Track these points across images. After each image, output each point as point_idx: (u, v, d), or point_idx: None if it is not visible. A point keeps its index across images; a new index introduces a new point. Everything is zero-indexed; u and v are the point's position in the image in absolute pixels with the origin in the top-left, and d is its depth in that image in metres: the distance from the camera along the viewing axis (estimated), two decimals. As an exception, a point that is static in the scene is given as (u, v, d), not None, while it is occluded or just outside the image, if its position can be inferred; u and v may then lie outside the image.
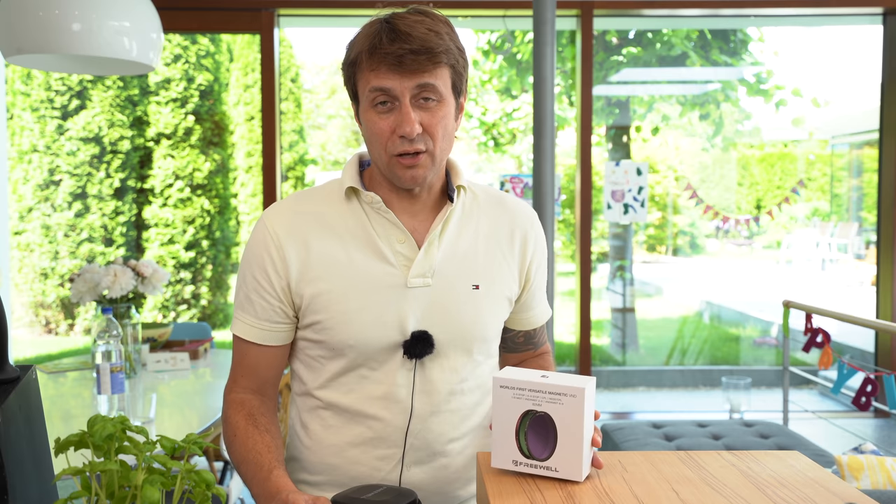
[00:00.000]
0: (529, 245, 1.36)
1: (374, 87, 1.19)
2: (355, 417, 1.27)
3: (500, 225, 1.34)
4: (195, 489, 0.93)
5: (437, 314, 1.25)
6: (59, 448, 0.91)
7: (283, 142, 7.67)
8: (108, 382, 2.18)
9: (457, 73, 1.23)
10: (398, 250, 1.25)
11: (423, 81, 1.18)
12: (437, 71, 1.19)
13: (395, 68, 1.16)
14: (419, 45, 1.16)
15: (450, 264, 1.27)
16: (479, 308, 1.28)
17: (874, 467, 2.56)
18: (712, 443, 3.04)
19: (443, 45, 1.18)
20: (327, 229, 1.26)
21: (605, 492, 1.04)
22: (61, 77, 6.85)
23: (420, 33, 1.17)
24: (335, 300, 1.23)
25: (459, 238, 1.29)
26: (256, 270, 1.27)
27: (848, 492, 1.05)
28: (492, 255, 1.31)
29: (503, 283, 1.32)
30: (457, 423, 1.29)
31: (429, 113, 1.20)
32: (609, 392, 5.93)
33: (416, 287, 1.24)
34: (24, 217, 7.05)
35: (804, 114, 6.74)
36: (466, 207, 1.32)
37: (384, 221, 1.26)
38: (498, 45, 6.05)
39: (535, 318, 1.42)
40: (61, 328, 7.31)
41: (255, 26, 4.56)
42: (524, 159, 6.95)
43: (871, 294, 5.01)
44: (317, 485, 1.32)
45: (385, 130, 1.20)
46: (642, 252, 7.95)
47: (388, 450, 1.26)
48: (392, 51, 1.16)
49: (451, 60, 1.21)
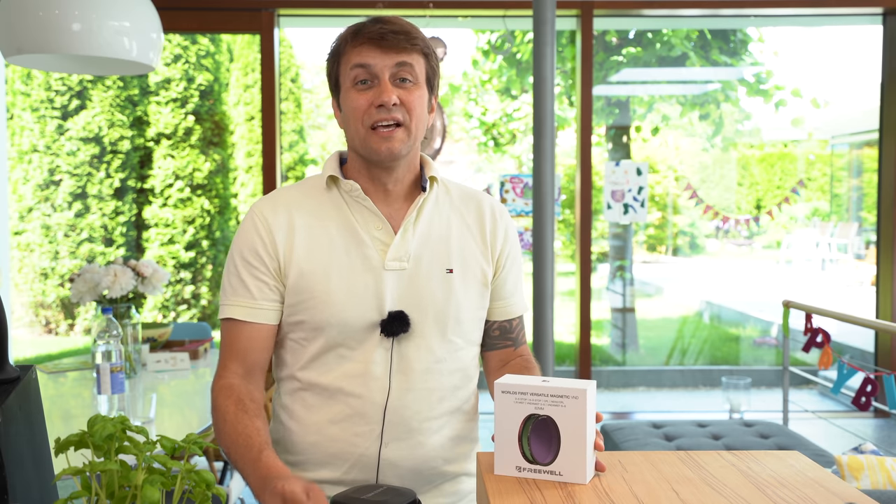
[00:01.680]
0: (499, 233, 1.44)
1: (355, 64, 1.30)
2: (335, 395, 1.32)
3: (471, 215, 1.43)
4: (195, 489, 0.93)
5: (413, 295, 1.33)
6: (59, 448, 0.91)
7: (283, 142, 7.67)
8: (108, 382, 2.18)
9: (430, 67, 1.35)
10: (376, 236, 1.34)
11: (401, 59, 1.30)
12: (413, 54, 1.31)
13: (377, 43, 1.29)
14: (399, 28, 1.30)
15: (424, 249, 1.36)
16: (454, 290, 1.36)
17: (874, 467, 2.56)
18: (712, 443, 3.04)
19: (420, 36, 1.33)
20: (310, 216, 1.36)
21: (605, 492, 1.04)
22: (61, 77, 6.85)
23: (400, 22, 1.32)
24: (317, 280, 1.32)
25: (433, 225, 1.38)
26: (248, 254, 1.34)
27: (848, 492, 1.05)
28: (464, 242, 1.40)
29: (477, 267, 1.39)
30: (434, 402, 1.35)
31: (405, 91, 1.31)
32: (609, 392, 5.93)
33: (392, 270, 1.33)
34: (24, 217, 7.05)
35: (804, 114, 6.74)
36: (440, 199, 1.41)
37: (362, 209, 1.35)
38: (498, 45, 6.05)
39: (510, 307, 1.47)
40: (61, 328, 7.31)
41: (255, 26, 4.56)
42: (524, 159, 6.95)
43: (871, 294, 5.01)
44: (297, 464, 1.36)
45: (364, 104, 1.30)
46: (642, 252, 7.95)
47: (367, 426, 1.31)
48: (375, 30, 1.29)
49: (427, 50, 1.34)
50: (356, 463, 1.32)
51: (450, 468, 1.38)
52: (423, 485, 1.36)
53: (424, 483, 1.36)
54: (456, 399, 1.38)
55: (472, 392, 1.43)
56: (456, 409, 1.38)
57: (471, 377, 1.42)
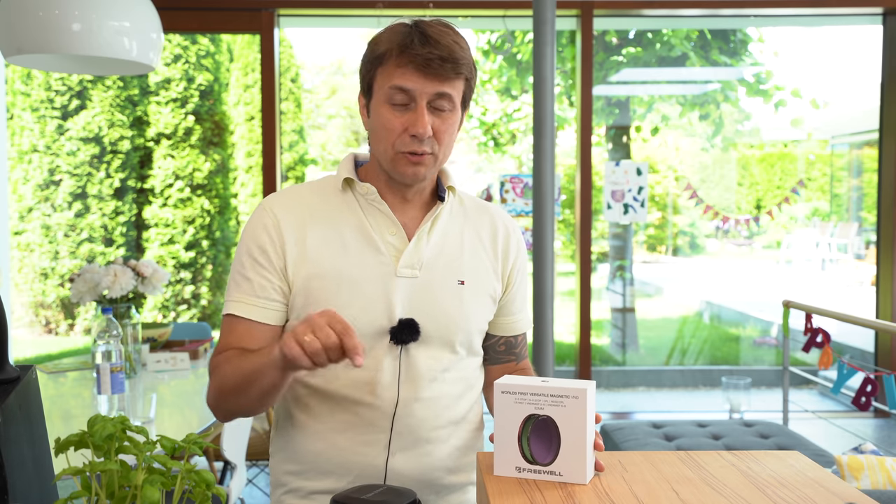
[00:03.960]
0: (511, 251, 1.42)
1: (395, 86, 1.24)
2: (342, 403, 1.30)
3: (484, 229, 1.40)
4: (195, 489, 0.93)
5: (424, 304, 1.30)
6: (59, 448, 0.91)
7: (283, 142, 7.66)
8: (108, 382, 2.18)
9: (469, 88, 1.31)
10: (389, 241, 1.31)
11: (442, 90, 1.25)
12: (456, 81, 1.26)
13: (422, 70, 1.23)
14: (447, 54, 1.23)
15: (437, 259, 1.33)
16: (464, 302, 1.34)
17: (874, 467, 2.56)
18: (712, 443, 3.04)
19: (465, 59, 1.26)
20: (323, 217, 1.32)
21: (605, 492, 1.04)
22: (61, 77, 6.85)
23: (448, 42, 1.24)
24: (327, 285, 1.28)
25: (447, 236, 1.36)
26: (255, 250, 1.31)
27: (848, 492, 1.05)
28: (476, 255, 1.37)
29: (487, 281, 1.37)
30: (439, 411, 1.33)
31: (440, 119, 1.27)
32: (609, 392, 5.93)
33: (404, 277, 1.30)
34: (24, 217, 7.05)
35: (804, 114, 6.74)
36: (454, 210, 1.39)
37: (377, 213, 1.32)
38: (498, 45, 6.05)
39: (517, 324, 1.46)
40: (61, 328, 7.31)
41: (255, 26, 4.56)
42: (524, 159, 6.95)
43: (871, 294, 5.01)
44: (300, 473, 1.34)
45: (397, 127, 1.26)
46: (642, 252, 7.95)
47: (374, 435, 1.29)
48: (422, 53, 1.22)
49: (469, 74, 1.29)
50: (362, 473, 1.29)
51: (455, 479, 1.36)
52: (429, 495, 1.34)
53: (430, 493, 1.34)
54: (460, 408, 1.36)
55: (475, 401, 1.41)
56: (461, 419, 1.37)
57: (473, 386, 1.40)
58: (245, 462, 2.96)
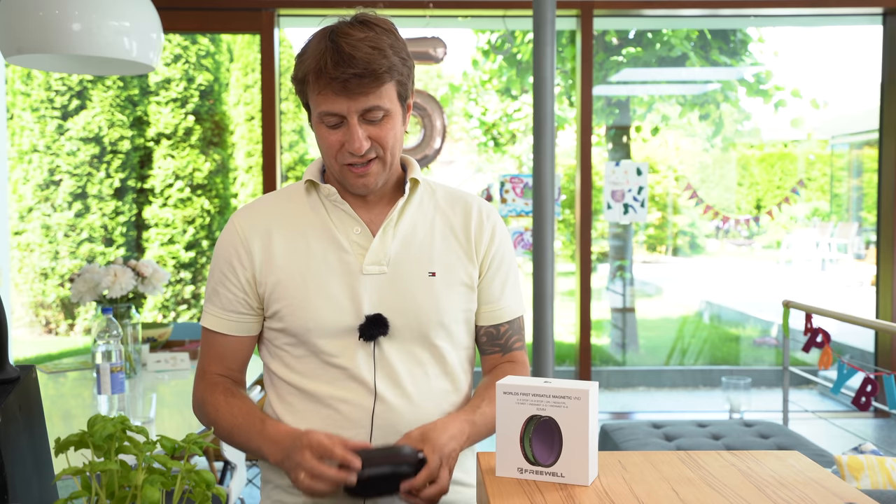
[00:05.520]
0: (485, 234, 1.39)
1: (322, 112, 1.25)
2: (322, 400, 1.32)
3: (457, 217, 1.39)
4: (195, 489, 0.93)
5: (393, 299, 1.31)
6: (59, 448, 0.91)
7: (283, 142, 7.66)
8: (108, 382, 2.18)
9: (402, 85, 1.28)
10: (354, 240, 1.33)
11: (368, 105, 1.24)
12: (381, 90, 1.24)
13: (341, 92, 1.22)
14: (363, 69, 1.20)
15: (406, 252, 1.34)
16: (436, 294, 1.33)
17: (874, 467, 2.56)
18: (712, 443, 3.04)
19: (385, 64, 1.22)
20: (289, 222, 1.35)
21: (605, 492, 1.04)
22: (61, 77, 6.85)
23: (364, 54, 1.21)
24: (295, 287, 1.31)
25: (416, 228, 1.36)
26: (223, 264, 1.36)
27: (848, 492, 1.05)
28: (448, 245, 1.37)
29: (461, 269, 1.36)
30: (423, 406, 1.33)
31: (376, 127, 1.27)
32: (609, 392, 5.93)
33: (371, 274, 1.32)
34: (24, 217, 7.05)
35: (804, 114, 6.74)
36: (424, 201, 1.39)
37: (341, 213, 1.34)
38: (498, 45, 6.05)
39: (496, 312, 1.42)
40: (61, 328, 7.31)
41: (255, 26, 4.56)
42: (524, 159, 6.95)
43: (871, 294, 5.01)
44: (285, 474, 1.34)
45: (335, 144, 1.27)
46: (642, 252, 7.95)
47: (355, 430, 1.30)
48: (337, 75, 1.20)
49: (396, 76, 1.26)
50: None
51: None
52: None
53: None
54: (446, 404, 1.36)
55: (463, 397, 1.40)
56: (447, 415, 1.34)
57: (460, 381, 1.39)
58: (245, 462, 2.96)
